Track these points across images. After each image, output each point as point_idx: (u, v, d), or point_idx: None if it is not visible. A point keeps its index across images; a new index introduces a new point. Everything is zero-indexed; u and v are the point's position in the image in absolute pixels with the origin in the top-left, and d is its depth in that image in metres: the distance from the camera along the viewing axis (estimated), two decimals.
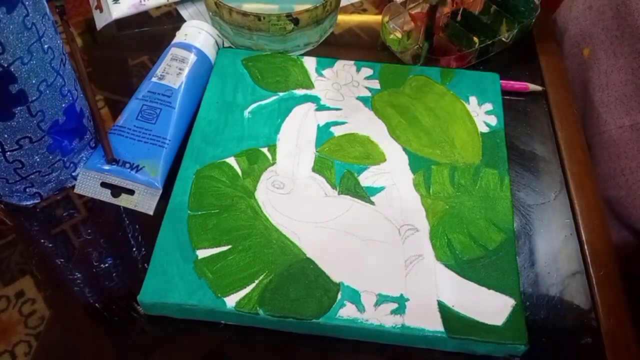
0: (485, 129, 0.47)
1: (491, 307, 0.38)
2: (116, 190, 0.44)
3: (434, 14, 0.51)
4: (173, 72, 0.49)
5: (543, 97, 0.53)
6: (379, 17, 0.61)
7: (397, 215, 0.42)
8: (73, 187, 0.44)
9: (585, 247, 0.43)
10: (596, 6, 0.56)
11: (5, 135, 0.38)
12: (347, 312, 0.37)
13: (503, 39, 0.55)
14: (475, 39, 0.53)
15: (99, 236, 0.43)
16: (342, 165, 0.45)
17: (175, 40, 0.52)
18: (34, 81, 0.37)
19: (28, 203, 0.45)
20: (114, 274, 0.41)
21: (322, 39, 0.56)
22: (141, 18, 0.59)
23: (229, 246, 0.40)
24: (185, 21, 0.56)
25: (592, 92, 0.56)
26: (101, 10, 0.58)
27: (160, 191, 0.44)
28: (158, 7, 0.60)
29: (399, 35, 0.55)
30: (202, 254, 0.39)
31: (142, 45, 0.58)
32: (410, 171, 0.44)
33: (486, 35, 0.54)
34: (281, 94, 0.49)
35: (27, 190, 0.44)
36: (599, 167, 0.54)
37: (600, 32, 0.55)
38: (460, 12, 0.56)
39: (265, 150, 0.45)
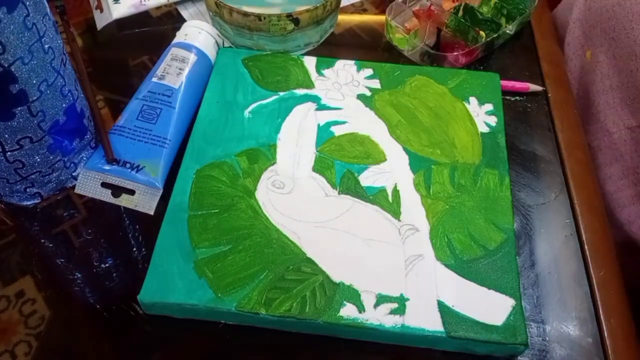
0: (485, 129, 0.47)
1: (491, 307, 0.38)
2: (117, 190, 0.44)
3: None
4: (173, 72, 0.49)
5: (543, 97, 0.53)
6: (379, 17, 0.61)
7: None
8: (73, 187, 0.44)
9: (585, 247, 0.43)
10: (594, 8, 0.56)
11: (6, 135, 0.38)
12: (347, 312, 0.37)
13: (507, 31, 0.55)
14: (482, 33, 0.53)
15: (99, 236, 0.43)
16: (342, 165, 0.45)
17: (176, 40, 0.52)
18: (34, 81, 0.37)
19: (28, 203, 0.45)
20: (114, 274, 0.41)
21: (322, 39, 0.56)
22: (141, 18, 0.59)
23: (229, 246, 0.40)
24: (185, 21, 0.56)
25: (597, 95, 0.56)
26: (101, 10, 0.58)
27: (161, 191, 0.44)
28: (158, 7, 0.60)
29: (404, 34, 0.55)
30: (202, 253, 0.39)
31: (142, 45, 0.58)
32: (411, 171, 0.44)
33: (489, 28, 0.55)
34: (281, 93, 0.49)
35: (28, 190, 0.44)
36: (608, 169, 0.54)
37: (599, 34, 0.55)
38: (462, 7, 0.56)
39: (265, 149, 0.45)
